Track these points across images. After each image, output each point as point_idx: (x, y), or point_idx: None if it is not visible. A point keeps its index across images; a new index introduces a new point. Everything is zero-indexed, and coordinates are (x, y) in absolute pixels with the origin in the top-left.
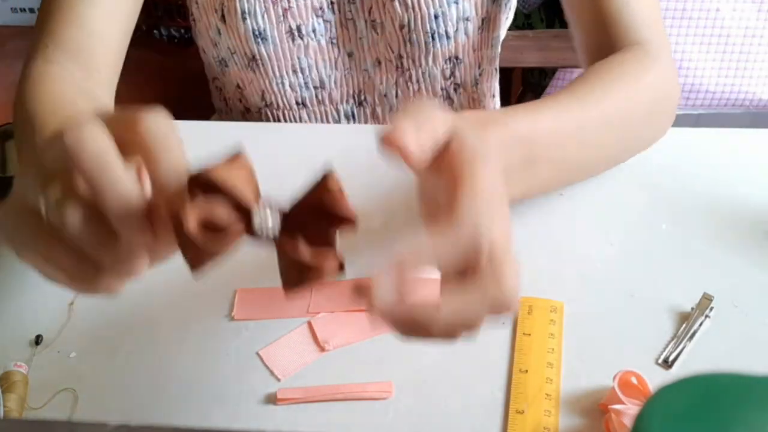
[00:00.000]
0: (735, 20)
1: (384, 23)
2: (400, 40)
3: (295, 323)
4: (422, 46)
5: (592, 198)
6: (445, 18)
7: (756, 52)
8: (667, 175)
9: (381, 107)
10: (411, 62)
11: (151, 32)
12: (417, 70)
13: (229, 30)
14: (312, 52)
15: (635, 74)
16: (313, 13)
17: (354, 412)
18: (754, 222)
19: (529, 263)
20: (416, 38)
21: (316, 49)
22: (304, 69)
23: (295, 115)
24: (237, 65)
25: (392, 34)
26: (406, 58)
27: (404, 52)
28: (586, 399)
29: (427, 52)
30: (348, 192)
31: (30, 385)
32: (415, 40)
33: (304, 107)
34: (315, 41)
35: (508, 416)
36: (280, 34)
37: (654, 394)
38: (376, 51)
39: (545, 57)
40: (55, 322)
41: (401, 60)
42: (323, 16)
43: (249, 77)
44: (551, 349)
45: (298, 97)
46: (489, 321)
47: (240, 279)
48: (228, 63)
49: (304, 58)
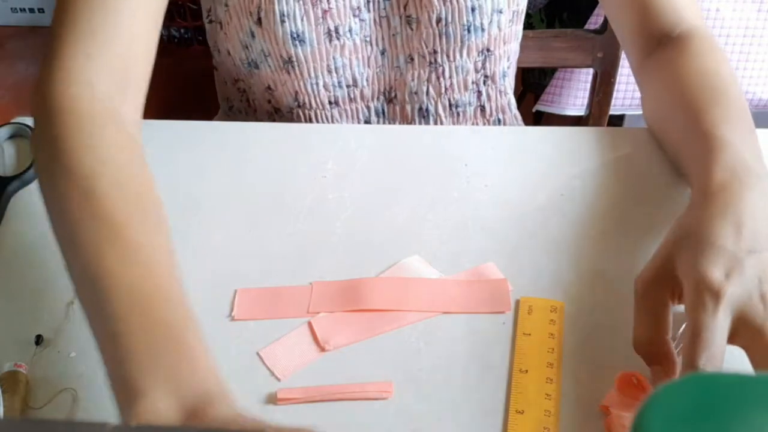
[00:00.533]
0: (735, 20)
1: (420, 18)
2: (435, 35)
3: (295, 323)
4: (457, 39)
5: (592, 198)
6: (481, 10)
7: (756, 52)
8: (667, 174)
9: (410, 105)
10: (444, 57)
11: None
12: (450, 64)
13: (265, 33)
14: (347, 51)
15: (714, 62)
16: (351, 12)
17: (354, 412)
18: None
19: (529, 263)
20: (452, 32)
21: (351, 48)
22: (338, 68)
23: (327, 115)
24: (270, 67)
25: (427, 28)
26: (440, 53)
27: (438, 47)
28: (586, 399)
29: (462, 45)
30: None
31: (30, 385)
32: (451, 33)
33: (336, 106)
34: (351, 41)
35: (508, 416)
36: (318, 36)
37: (654, 394)
38: (410, 47)
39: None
40: (55, 322)
41: (435, 55)
42: (359, 16)
43: (282, 79)
44: (551, 349)
45: (331, 97)
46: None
47: (240, 279)
48: (260, 65)
49: (340, 58)
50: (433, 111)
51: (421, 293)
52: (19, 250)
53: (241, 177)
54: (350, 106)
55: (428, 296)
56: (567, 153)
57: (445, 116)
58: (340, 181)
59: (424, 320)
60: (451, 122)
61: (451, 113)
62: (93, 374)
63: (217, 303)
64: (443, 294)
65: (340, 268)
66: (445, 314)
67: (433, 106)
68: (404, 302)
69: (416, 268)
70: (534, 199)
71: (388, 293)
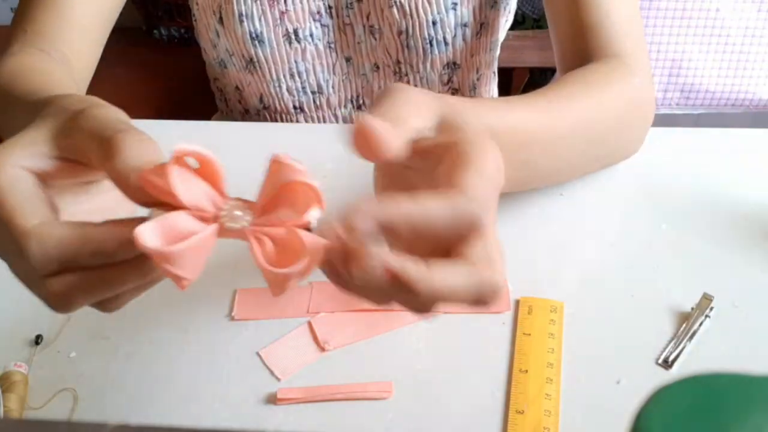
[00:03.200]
0: (735, 20)
1: (382, 29)
2: (398, 46)
3: (295, 323)
4: (420, 52)
5: (591, 198)
6: (443, 24)
7: (756, 52)
8: (667, 174)
9: None
10: (409, 67)
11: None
12: (415, 75)
13: (227, 32)
14: (309, 56)
15: (607, 83)
16: (311, 17)
17: (354, 412)
18: (754, 222)
19: (529, 263)
20: (414, 44)
21: (313, 53)
22: (301, 73)
23: (293, 120)
24: (235, 67)
25: (390, 39)
26: (404, 64)
27: (402, 58)
28: (586, 399)
29: (425, 58)
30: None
31: (30, 385)
32: (413, 46)
33: (302, 112)
34: (312, 45)
35: (509, 416)
36: (276, 38)
37: (654, 394)
38: (375, 56)
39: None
40: (55, 322)
41: (399, 65)
42: (321, 21)
43: (247, 79)
44: (551, 349)
45: (296, 101)
46: (472, 309)
47: (240, 279)
48: (227, 64)
49: (302, 62)
50: None
51: None
52: None
53: (241, 177)
54: (317, 113)
55: None
56: None
57: None
58: (340, 181)
59: (424, 320)
60: None
61: None
62: (93, 374)
63: (217, 303)
64: None
65: None
66: (445, 314)
67: None
68: None
69: None
70: (534, 199)
71: None
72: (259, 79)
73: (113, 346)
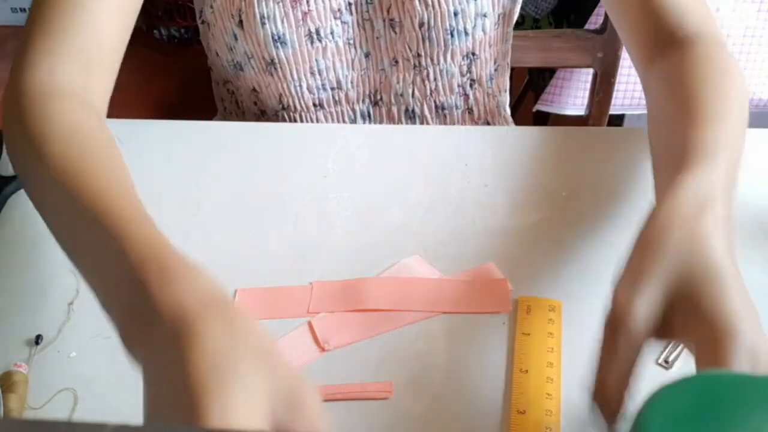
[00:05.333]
0: (735, 20)
1: (403, 22)
2: (419, 39)
3: (295, 323)
4: (441, 43)
5: (591, 197)
6: (464, 15)
7: (756, 52)
8: None
9: (396, 106)
10: (429, 60)
11: (151, 32)
12: (435, 67)
13: (247, 35)
14: (330, 53)
15: (722, 73)
16: (332, 15)
17: (354, 412)
18: (754, 222)
19: (528, 263)
20: (435, 36)
21: (333, 50)
22: (321, 71)
23: (312, 117)
24: (254, 69)
25: (411, 32)
26: (424, 57)
27: (422, 51)
28: (586, 399)
29: (446, 49)
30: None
31: (30, 385)
32: (434, 37)
33: (321, 108)
34: (333, 43)
35: (510, 416)
36: (299, 38)
37: (654, 394)
38: (394, 50)
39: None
40: (55, 322)
41: (419, 58)
42: (341, 18)
43: (266, 81)
44: (551, 348)
45: (316, 99)
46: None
47: (240, 279)
48: (244, 67)
49: (322, 60)
50: (419, 113)
51: (421, 293)
52: (18, 250)
53: (241, 177)
54: (335, 109)
55: (428, 296)
56: (567, 153)
57: (431, 118)
58: (340, 181)
59: (424, 320)
60: (438, 124)
61: (438, 115)
62: (93, 374)
63: None
64: (443, 294)
65: (340, 268)
66: (445, 314)
67: (419, 107)
68: (404, 302)
69: (416, 268)
70: (534, 199)
71: (388, 293)
72: (279, 79)
73: (113, 346)
